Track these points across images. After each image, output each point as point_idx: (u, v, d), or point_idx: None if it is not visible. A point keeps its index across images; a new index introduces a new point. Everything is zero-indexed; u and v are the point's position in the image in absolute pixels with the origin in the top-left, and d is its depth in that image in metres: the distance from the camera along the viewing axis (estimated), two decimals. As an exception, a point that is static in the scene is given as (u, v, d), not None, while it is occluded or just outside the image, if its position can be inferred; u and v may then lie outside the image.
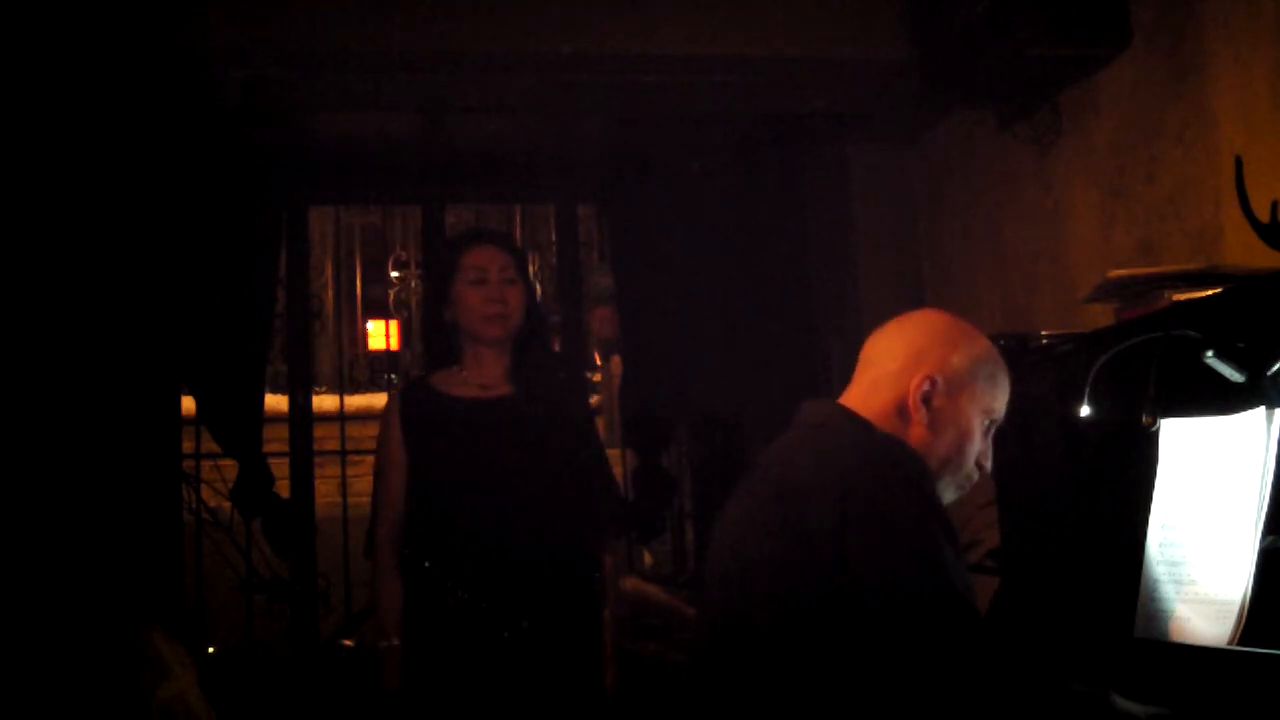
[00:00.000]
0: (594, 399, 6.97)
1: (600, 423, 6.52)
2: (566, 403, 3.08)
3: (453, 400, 2.97)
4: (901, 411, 1.94)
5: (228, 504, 4.53)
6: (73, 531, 3.07)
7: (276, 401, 4.99)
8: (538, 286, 7.93)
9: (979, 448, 1.99)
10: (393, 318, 9.64)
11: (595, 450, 3.10)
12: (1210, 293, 2.09)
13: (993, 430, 2.02)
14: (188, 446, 4.55)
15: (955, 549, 1.76)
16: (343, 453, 5.07)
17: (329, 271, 9.18)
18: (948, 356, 1.96)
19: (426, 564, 2.87)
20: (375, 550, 2.96)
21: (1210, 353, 1.81)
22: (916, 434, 1.93)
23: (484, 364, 3.00)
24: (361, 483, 3.33)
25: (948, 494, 1.99)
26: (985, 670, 1.68)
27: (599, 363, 7.35)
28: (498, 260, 3.00)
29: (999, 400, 2.00)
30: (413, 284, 8.41)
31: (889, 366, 1.98)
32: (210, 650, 4.42)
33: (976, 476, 2.02)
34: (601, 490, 3.06)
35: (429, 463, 2.93)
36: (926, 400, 1.94)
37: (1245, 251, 2.38)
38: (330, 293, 9.21)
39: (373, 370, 10.03)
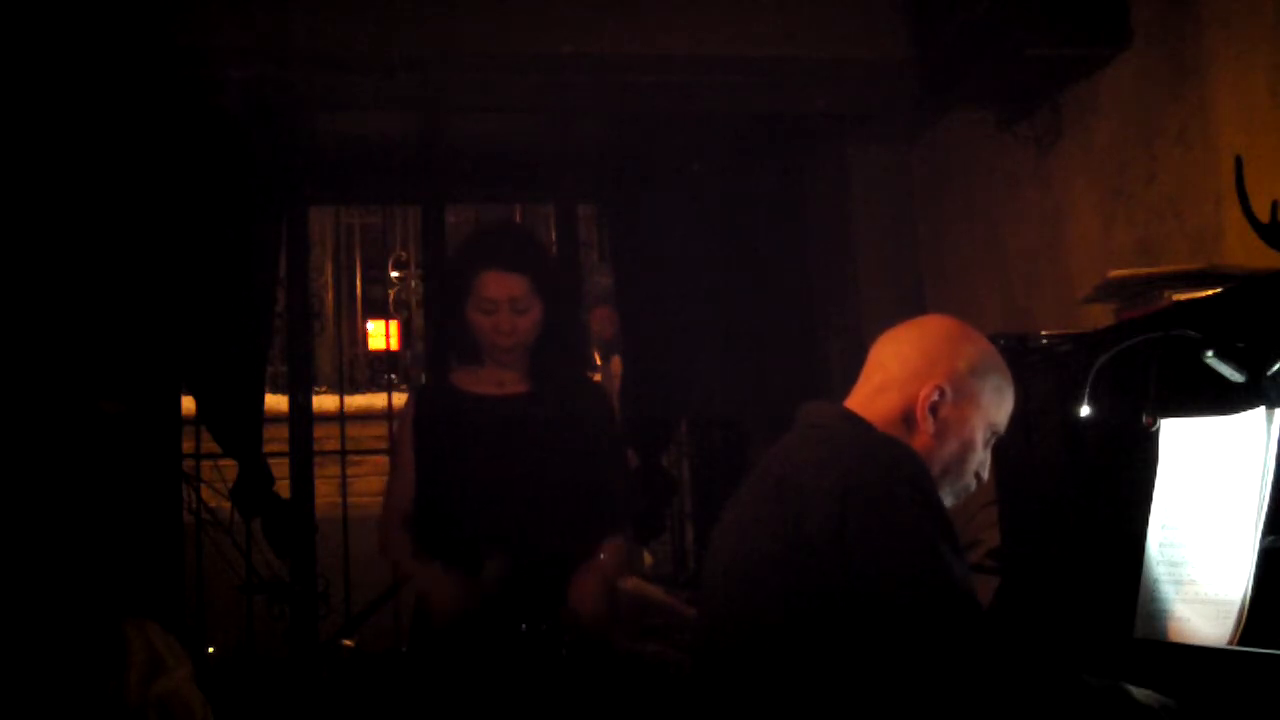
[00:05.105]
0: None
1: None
2: (585, 400, 3.07)
3: (471, 397, 2.98)
4: (908, 418, 1.95)
5: (228, 504, 4.53)
6: (72, 531, 3.06)
7: (276, 401, 4.97)
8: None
9: (979, 458, 2.01)
10: (393, 318, 9.60)
11: (614, 448, 3.09)
12: (1210, 293, 2.09)
13: (993, 442, 2.03)
14: (188, 446, 4.55)
15: (955, 548, 1.77)
16: (343, 453, 5.06)
17: (329, 271, 9.15)
18: (957, 366, 1.97)
19: (443, 559, 2.88)
20: (388, 547, 2.97)
21: (1210, 353, 1.82)
22: (921, 442, 1.94)
23: (502, 363, 3.00)
24: (362, 483, 3.33)
25: (945, 501, 2.00)
26: (990, 666, 1.69)
27: (599, 363, 7.34)
28: (509, 290, 2.93)
29: (1003, 413, 2.02)
30: (413, 284, 8.39)
31: (898, 372, 1.98)
32: (210, 650, 4.41)
33: (974, 487, 2.04)
34: (619, 488, 3.05)
35: (444, 459, 2.93)
36: (934, 410, 1.94)
37: (1245, 251, 2.38)
38: (330, 293, 9.18)
39: (373, 370, 9.99)
